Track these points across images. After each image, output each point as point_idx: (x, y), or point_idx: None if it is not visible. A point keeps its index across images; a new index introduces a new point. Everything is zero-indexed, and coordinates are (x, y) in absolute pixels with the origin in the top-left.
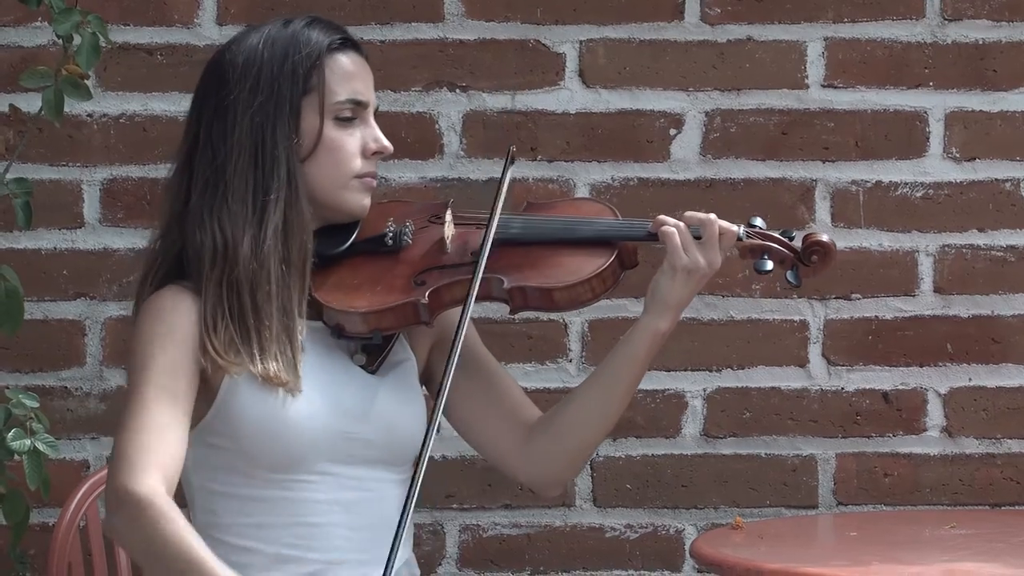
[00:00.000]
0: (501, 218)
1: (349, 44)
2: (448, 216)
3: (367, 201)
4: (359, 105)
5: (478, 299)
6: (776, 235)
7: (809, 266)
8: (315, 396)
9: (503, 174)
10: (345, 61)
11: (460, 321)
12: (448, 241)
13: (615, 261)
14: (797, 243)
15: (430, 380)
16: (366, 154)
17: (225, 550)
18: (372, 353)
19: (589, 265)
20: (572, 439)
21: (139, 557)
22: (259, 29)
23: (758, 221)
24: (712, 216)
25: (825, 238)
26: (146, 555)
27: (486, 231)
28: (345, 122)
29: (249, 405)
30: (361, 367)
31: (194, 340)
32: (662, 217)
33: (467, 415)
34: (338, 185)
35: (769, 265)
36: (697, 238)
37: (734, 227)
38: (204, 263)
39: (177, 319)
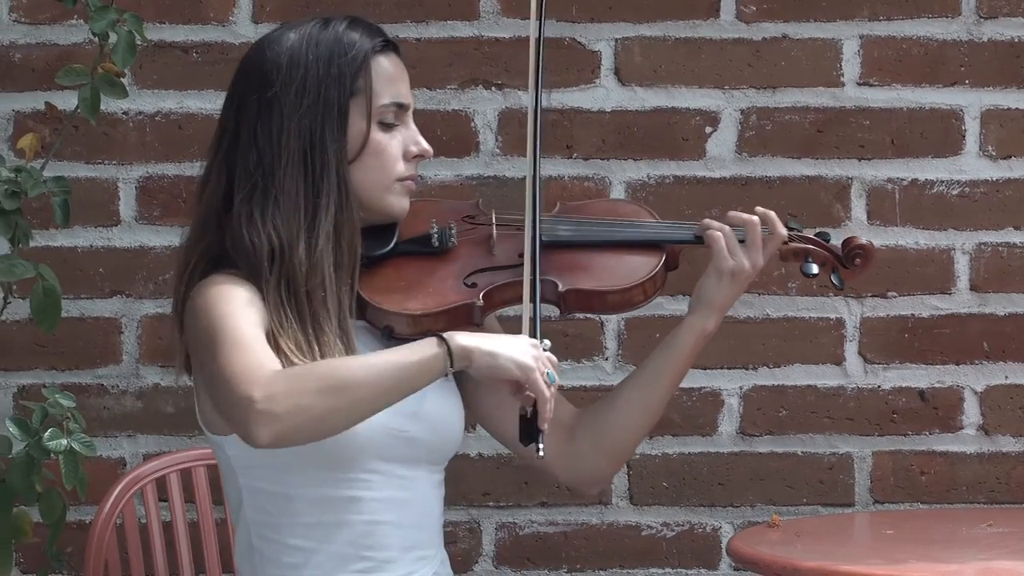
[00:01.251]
0: (549, 220)
1: (390, 46)
2: (493, 217)
3: (407, 203)
4: (401, 108)
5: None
6: (817, 238)
7: (851, 269)
8: None
9: (538, 26)
10: (387, 64)
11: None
12: (494, 242)
13: (664, 264)
14: (837, 246)
15: (458, 380)
16: (407, 157)
17: (278, 549)
18: None
19: (642, 268)
20: (613, 437)
21: (319, 411)
22: (297, 28)
23: (793, 223)
24: (755, 218)
25: (865, 241)
26: (325, 398)
27: (533, 143)
28: (388, 126)
29: None
30: None
31: (263, 312)
32: (708, 221)
33: (498, 416)
34: (381, 188)
35: (815, 268)
36: (741, 241)
37: (782, 231)
38: (263, 266)
39: (239, 294)
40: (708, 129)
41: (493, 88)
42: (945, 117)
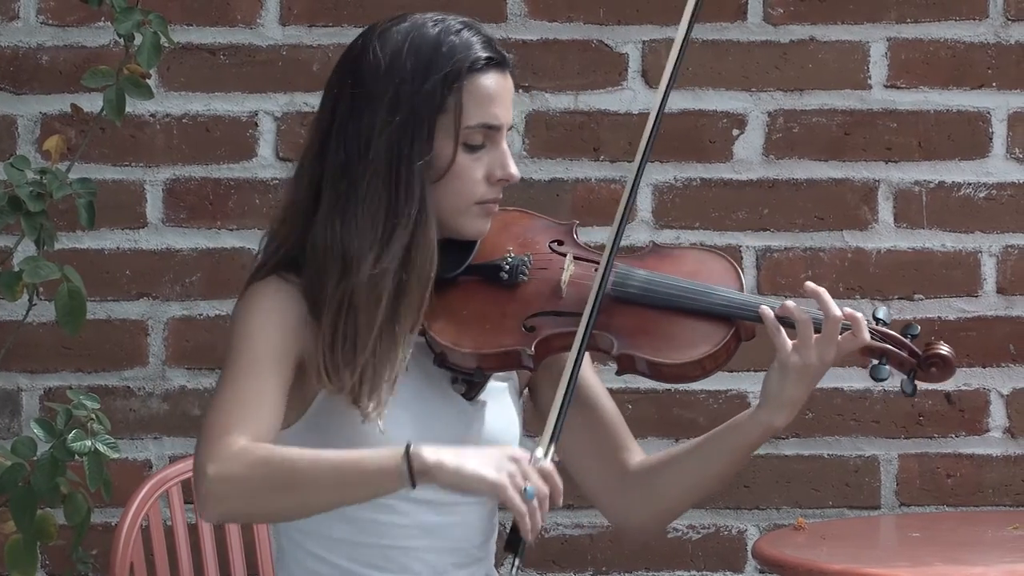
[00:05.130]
0: (624, 268)
1: (494, 63)
2: (568, 258)
3: (486, 227)
4: (491, 129)
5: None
6: (898, 336)
7: (925, 373)
8: (406, 423)
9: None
10: (486, 83)
11: (569, 382)
12: (564, 287)
13: (731, 339)
14: (918, 345)
15: (533, 392)
16: (491, 181)
17: (302, 555)
18: (472, 386)
19: (703, 344)
20: (666, 500)
21: (265, 506)
22: (410, 22)
23: (882, 312)
24: (839, 314)
25: (946, 351)
26: (273, 495)
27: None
28: (474, 147)
29: (340, 424)
30: (461, 394)
31: (295, 332)
32: (789, 305)
33: (567, 442)
34: (458, 211)
35: (886, 373)
36: (816, 331)
37: (864, 336)
38: (329, 278)
39: (279, 309)
40: (735, 131)
41: (520, 91)
42: (972, 119)
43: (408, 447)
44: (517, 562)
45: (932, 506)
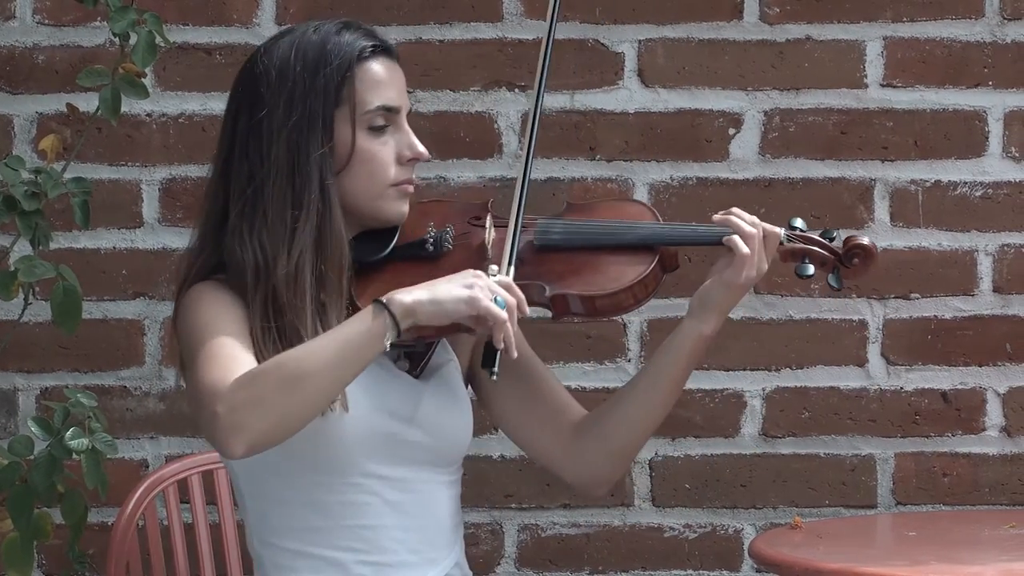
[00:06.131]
0: (543, 222)
1: (379, 50)
2: (488, 221)
3: (405, 208)
4: (391, 111)
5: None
6: (816, 237)
7: (850, 268)
8: (360, 398)
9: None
10: (375, 69)
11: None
12: (489, 247)
13: (657, 266)
14: (838, 244)
15: (473, 378)
16: (401, 161)
17: (276, 553)
18: (415, 358)
19: (631, 271)
20: (616, 440)
21: (281, 411)
22: (292, 34)
23: (798, 222)
24: (756, 220)
25: (866, 240)
26: (283, 397)
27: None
28: (378, 131)
29: None
30: (406, 371)
31: (243, 318)
32: (725, 217)
33: (512, 416)
34: (374, 195)
35: (811, 269)
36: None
37: (775, 229)
38: (248, 281)
39: (221, 299)
40: (731, 131)
41: (516, 90)
42: (968, 118)
43: (379, 300)
44: (496, 370)
45: (928, 505)
